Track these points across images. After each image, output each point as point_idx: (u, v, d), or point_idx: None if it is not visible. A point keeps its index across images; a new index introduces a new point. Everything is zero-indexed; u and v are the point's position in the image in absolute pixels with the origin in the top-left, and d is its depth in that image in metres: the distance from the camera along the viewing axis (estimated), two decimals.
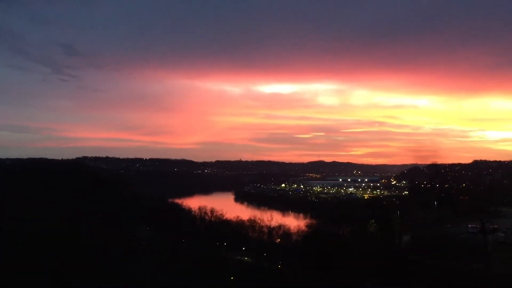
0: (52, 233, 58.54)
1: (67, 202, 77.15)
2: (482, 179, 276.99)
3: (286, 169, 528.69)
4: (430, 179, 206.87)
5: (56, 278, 49.03)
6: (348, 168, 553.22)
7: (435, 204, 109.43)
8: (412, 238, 77.51)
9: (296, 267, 66.42)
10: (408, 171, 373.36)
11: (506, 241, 70.28)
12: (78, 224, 66.09)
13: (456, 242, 68.37)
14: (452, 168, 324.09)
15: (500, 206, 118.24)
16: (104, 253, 59.10)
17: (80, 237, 58.88)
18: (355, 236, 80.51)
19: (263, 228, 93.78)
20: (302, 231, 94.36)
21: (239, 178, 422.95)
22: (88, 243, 58.80)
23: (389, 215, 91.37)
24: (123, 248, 64.97)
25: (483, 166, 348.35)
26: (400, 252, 70.95)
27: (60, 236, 57.91)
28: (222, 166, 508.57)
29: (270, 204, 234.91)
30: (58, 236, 57.62)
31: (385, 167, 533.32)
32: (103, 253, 58.68)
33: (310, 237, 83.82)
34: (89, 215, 73.84)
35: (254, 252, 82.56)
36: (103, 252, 59.11)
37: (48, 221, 66.10)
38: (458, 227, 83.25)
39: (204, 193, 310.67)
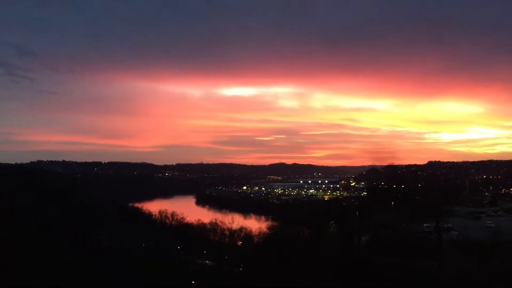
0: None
1: (17, 209, 74.03)
2: (437, 179, 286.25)
3: (248, 171, 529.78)
4: (387, 180, 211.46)
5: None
6: (309, 170, 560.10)
7: (392, 204, 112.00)
8: (370, 238, 79.00)
9: (257, 270, 66.46)
10: (366, 172, 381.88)
11: (459, 239, 72.78)
12: (28, 231, 63.54)
13: (413, 241, 70.22)
14: (409, 169, 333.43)
15: (454, 205, 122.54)
16: (59, 259, 57.24)
17: (30, 245, 56.61)
18: (315, 237, 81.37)
19: (225, 231, 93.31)
20: (264, 233, 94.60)
21: (201, 181, 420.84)
22: (39, 250, 56.64)
23: (348, 216, 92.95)
24: (80, 254, 63.17)
25: (438, 167, 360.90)
26: (359, 252, 72.28)
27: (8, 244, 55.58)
28: (184, 169, 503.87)
29: (231, 206, 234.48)
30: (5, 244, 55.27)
31: (345, 169, 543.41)
32: (58, 260, 56.81)
33: (271, 239, 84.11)
34: (41, 222, 71.20)
35: (215, 255, 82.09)
36: (58, 259, 57.24)
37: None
38: (415, 226, 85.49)
39: (165, 197, 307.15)
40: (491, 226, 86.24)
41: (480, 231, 77.73)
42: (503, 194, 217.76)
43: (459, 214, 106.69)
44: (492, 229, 79.99)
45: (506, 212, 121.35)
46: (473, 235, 73.04)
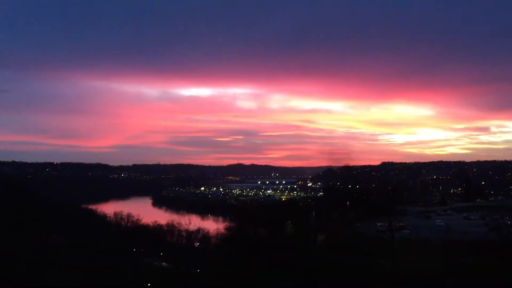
0: None
1: None
2: (390, 179, 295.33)
3: (206, 172, 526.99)
4: (343, 180, 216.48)
5: None
6: (267, 170, 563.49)
7: (347, 204, 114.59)
8: (326, 237, 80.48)
9: (214, 271, 66.24)
10: (323, 173, 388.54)
11: (410, 238, 75.25)
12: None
13: (367, 239, 72.11)
14: (363, 170, 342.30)
15: (406, 205, 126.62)
16: (10, 263, 55.11)
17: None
18: (272, 237, 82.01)
19: (182, 232, 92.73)
20: (221, 234, 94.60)
21: (158, 182, 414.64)
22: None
23: (305, 216, 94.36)
24: (31, 257, 61.02)
25: (391, 168, 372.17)
26: (316, 251, 73.46)
27: None
28: (140, 170, 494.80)
29: (189, 208, 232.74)
30: None
31: (302, 170, 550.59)
32: (8, 264, 54.69)
33: (229, 240, 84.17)
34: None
35: (172, 257, 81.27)
36: (8, 263, 55.10)
37: None
38: (368, 225, 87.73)
39: (121, 198, 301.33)
40: (441, 224, 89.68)
41: (430, 230, 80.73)
42: (452, 194, 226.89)
43: (410, 214, 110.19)
44: (442, 228, 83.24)
45: (455, 211, 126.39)
46: (424, 233, 75.78)
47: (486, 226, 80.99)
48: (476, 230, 76.98)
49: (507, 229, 70.21)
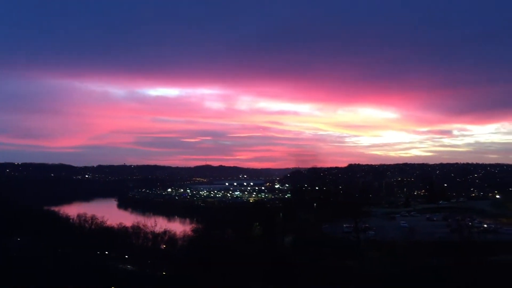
0: None
1: None
2: (356, 181, 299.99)
3: (173, 173, 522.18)
4: (310, 182, 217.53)
5: None
6: (235, 172, 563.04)
7: (314, 205, 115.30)
8: (293, 239, 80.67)
9: (181, 273, 65.41)
10: (291, 175, 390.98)
11: (376, 239, 76.26)
12: None
13: (333, 241, 72.64)
14: (330, 171, 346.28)
15: (372, 206, 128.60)
16: None
17: None
18: (240, 239, 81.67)
19: (148, 234, 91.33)
20: (188, 236, 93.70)
21: (123, 183, 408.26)
22: None
23: (272, 217, 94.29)
24: None
25: (357, 169, 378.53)
26: (283, 253, 73.50)
27: None
28: (105, 171, 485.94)
29: (155, 209, 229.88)
30: None
31: (270, 171, 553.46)
32: None
33: (196, 241, 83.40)
34: None
35: (138, 259, 79.89)
36: None
37: None
38: (335, 227, 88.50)
39: (85, 200, 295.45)
40: (405, 226, 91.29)
41: (395, 231, 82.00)
42: (416, 196, 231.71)
43: (376, 215, 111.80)
44: (406, 229, 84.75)
45: (418, 213, 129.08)
46: (389, 234, 76.90)
47: (448, 227, 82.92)
48: (438, 231, 78.70)
49: (468, 230, 72.05)
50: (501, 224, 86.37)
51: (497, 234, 74.64)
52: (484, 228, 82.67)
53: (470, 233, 69.91)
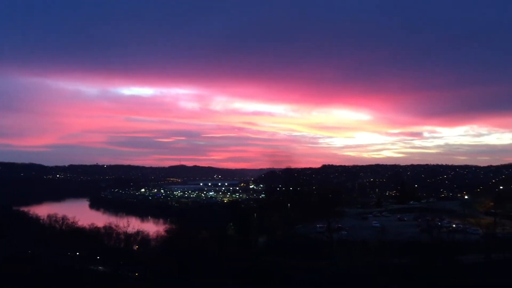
0: None
1: None
2: (330, 181, 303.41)
3: (147, 173, 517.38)
4: (285, 182, 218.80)
5: None
6: (209, 172, 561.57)
7: (288, 206, 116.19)
8: (267, 239, 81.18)
9: (154, 274, 64.98)
10: (265, 175, 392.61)
11: (348, 239, 77.52)
12: None
13: (306, 241, 73.43)
14: (304, 172, 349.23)
15: (344, 206, 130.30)
16: None
17: None
18: (214, 239, 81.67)
19: (120, 235, 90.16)
20: (161, 236, 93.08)
21: (96, 184, 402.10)
22: None
23: (246, 218, 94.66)
24: None
25: (331, 170, 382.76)
26: (257, 253, 73.89)
27: None
28: (77, 171, 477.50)
29: (128, 210, 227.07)
30: None
31: (244, 171, 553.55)
32: None
33: (169, 242, 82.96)
34: None
35: (110, 261, 78.84)
36: None
37: None
38: (309, 227, 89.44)
39: (56, 200, 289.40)
40: (377, 225, 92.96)
41: (367, 231, 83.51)
42: (387, 196, 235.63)
43: (349, 215, 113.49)
44: (377, 228, 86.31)
45: (390, 213, 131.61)
46: (361, 234, 78.26)
47: (418, 227, 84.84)
48: (409, 231, 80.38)
49: (437, 230, 73.89)
50: (469, 224, 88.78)
51: (465, 234, 76.67)
52: (452, 228, 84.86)
53: (439, 233, 71.75)
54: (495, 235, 67.75)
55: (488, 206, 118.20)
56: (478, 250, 63.25)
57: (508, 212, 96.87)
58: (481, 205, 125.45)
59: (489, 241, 65.23)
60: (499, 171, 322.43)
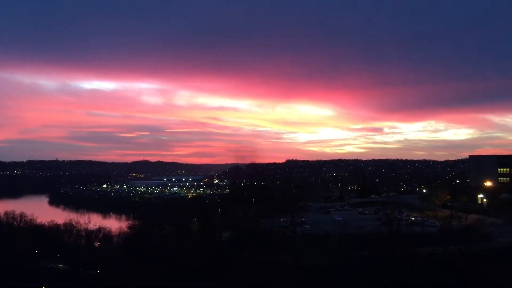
0: None
1: None
2: (294, 176, 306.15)
3: (109, 169, 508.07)
4: (249, 177, 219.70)
5: None
6: (173, 167, 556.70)
7: (253, 201, 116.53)
8: (231, 234, 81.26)
9: (116, 271, 64.01)
10: (229, 170, 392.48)
11: (311, 233, 78.49)
12: None
13: (270, 235, 73.85)
14: (268, 167, 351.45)
15: (308, 201, 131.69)
16: None
17: None
18: (177, 235, 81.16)
19: (81, 232, 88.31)
20: (124, 232, 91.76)
21: (56, 180, 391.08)
22: None
23: (210, 213, 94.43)
24: None
25: (294, 165, 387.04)
26: (220, 248, 73.91)
27: None
28: (35, 166, 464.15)
29: (90, 206, 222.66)
30: None
31: (209, 167, 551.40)
32: None
33: (132, 238, 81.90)
34: None
35: (70, 258, 77.18)
36: None
37: None
38: (272, 221, 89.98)
39: (14, 197, 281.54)
40: (339, 219, 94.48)
41: (329, 224, 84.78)
42: (349, 190, 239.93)
43: (312, 209, 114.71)
44: (340, 222, 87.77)
45: (352, 206, 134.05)
46: (324, 228, 79.41)
47: (378, 221, 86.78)
48: (370, 224, 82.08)
49: (397, 223, 75.87)
50: (427, 217, 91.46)
51: (423, 227, 78.95)
52: (411, 221, 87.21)
53: (398, 226, 73.75)
54: (451, 227, 70.09)
55: (445, 199, 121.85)
56: (435, 242, 65.25)
57: (464, 205, 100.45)
58: (438, 199, 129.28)
59: (446, 233, 67.45)
60: (456, 166, 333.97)
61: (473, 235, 66.07)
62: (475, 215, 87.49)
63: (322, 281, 50.55)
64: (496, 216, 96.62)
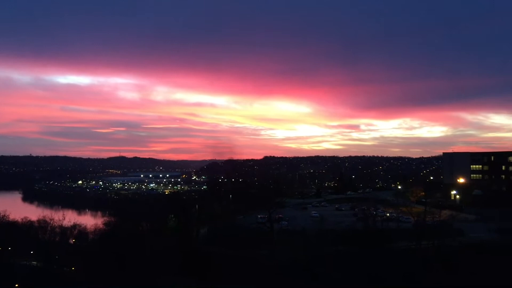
0: None
1: None
2: (271, 173, 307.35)
3: (84, 165, 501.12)
4: (227, 174, 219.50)
5: None
6: (150, 163, 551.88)
7: (230, 197, 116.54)
8: (208, 230, 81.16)
9: (91, 268, 63.34)
10: (207, 167, 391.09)
11: (288, 229, 79.01)
12: None
13: (247, 231, 74.07)
14: (246, 163, 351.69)
15: (285, 197, 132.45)
16: None
17: None
18: (154, 231, 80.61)
19: (56, 228, 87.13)
20: (99, 229, 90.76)
21: (29, 175, 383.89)
22: None
23: (188, 209, 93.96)
24: None
25: (272, 162, 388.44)
26: (198, 244, 73.73)
27: None
28: (8, 162, 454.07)
29: (65, 202, 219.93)
30: None
31: (186, 163, 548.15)
32: None
33: (107, 235, 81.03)
34: None
35: (44, 255, 76.01)
36: None
37: None
38: (250, 218, 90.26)
39: None
40: (316, 215, 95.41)
41: (306, 221, 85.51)
42: (326, 187, 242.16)
43: (289, 205, 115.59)
44: (316, 218, 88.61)
45: (328, 203, 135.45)
46: (301, 224, 80.00)
47: (355, 217, 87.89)
48: (346, 220, 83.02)
49: (372, 219, 76.92)
50: (402, 213, 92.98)
51: (398, 222, 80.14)
52: (386, 217, 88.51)
53: (374, 221, 74.74)
54: (425, 223, 71.39)
55: (419, 195, 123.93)
56: (409, 238, 66.39)
57: (437, 201, 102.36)
58: (413, 195, 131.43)
59: (420, 228, 68.68)
60: (430, 162, 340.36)
61: (446, 230, 67.41)
62: (448, 211, 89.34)
63: (299, 275, 50.95)
64: (468, 212, 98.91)
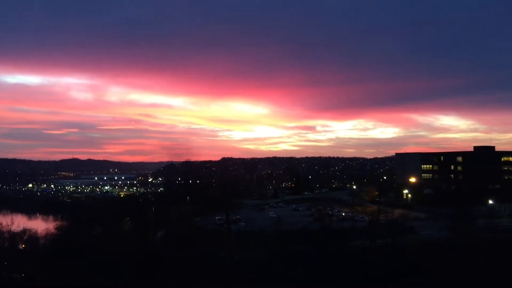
0: None
1: None
2: (229, 174, 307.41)
3: (34, 167, 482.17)
4: (184, 175, 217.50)
5: None
6: (105, 166, 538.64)
7: (188, 199, 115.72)
8: (165, 233, 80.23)
9: (43, 274, 61.20)
10: (164, 168, 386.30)
11: (246, 230, 79.34)
12: None
13: (205, 233, 73.82)
14: (204, 165, 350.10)
15: (243, 198, 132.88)
16: None
17: None
18: (109, 235, 78.79)
19: (3, 234, 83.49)
20: (51, 234, 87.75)
21: None
22: None
23: (144, 212, 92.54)
24: None
25: (230, 163, 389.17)
26: (154, 247, 72.69)
27: None
28: None
29: (14, 207, 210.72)
30: None
31: (142, 165, 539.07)
32: None
33: (60, 240, 78.51)
34: None
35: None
36: None
37: None
38: (208, 219, 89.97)
39: None
40: (273, 216, 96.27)
41: (264, 221, 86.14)
42: (284, 187, 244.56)
43: (247, 207, 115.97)
44: (274, 219, 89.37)
45: (286, 203, 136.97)
46: (258, 225, 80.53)
47: (311, 217, 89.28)
48: (303, 220, 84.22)
49: (328, 219, 78.38)
50: (357, 212, 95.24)
51: (353, 222, 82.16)
52: (342, 216, 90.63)
53: (330, 221, 76.18)
54: (379, 222, 73.39)
55: (373, 195, 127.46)
56: (364, 236, 68.11)
57: (390, 200, 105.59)
58: (367, 194, 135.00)
59: (374, 227, 70.57)
60: (384, 163, 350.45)
61: (398, 228, 69.68)
62: (401, 209, 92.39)
63: (257, 274, 51.28)
64: (419, 211, 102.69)
